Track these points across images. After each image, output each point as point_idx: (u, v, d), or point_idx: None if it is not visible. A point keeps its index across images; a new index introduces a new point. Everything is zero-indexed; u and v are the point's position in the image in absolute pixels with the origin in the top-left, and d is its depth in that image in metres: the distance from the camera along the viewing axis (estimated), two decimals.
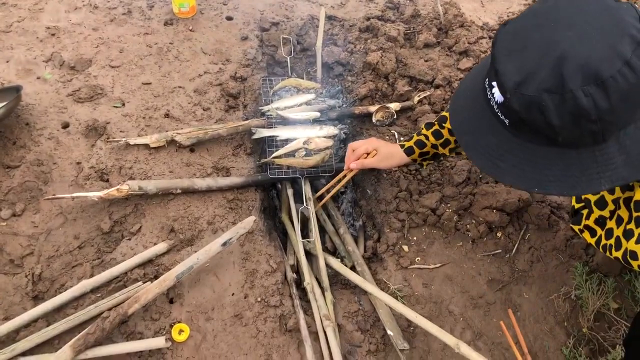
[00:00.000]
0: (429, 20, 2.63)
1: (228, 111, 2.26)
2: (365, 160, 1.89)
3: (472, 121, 1.21)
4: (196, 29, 2.55)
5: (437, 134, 1.75)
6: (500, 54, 1.08)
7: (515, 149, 1.13)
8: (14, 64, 2.29)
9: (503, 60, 1.07)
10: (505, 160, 1.15)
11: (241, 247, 1.87)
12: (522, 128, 1.09)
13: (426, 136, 1.77)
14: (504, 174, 1.15)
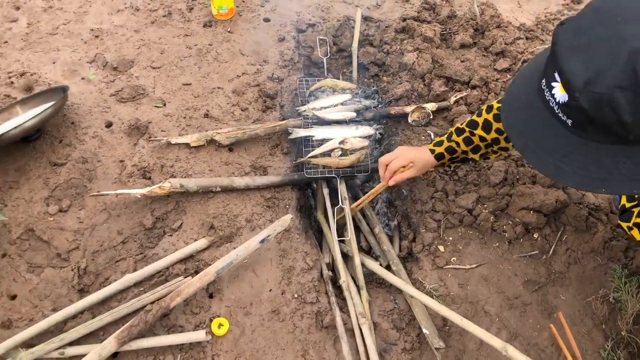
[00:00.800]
0: (465, 20, 2.63)
1: (265, 111, 2.30)
2: (403, 174, 1.87)
3: (527, 124, 1.20)
4: (234, 30, 2.60)
5: (468, 141, 1.75)
6: (563, 52, 1.06)
7: (579, 150, 1.11)
8: (60, 65, 2.37)
9: (567, 59, 1.05)
10: (568, 162, 1.12)
11: (278, 244, 1.90)
12: (588, 128, 1.07)
13: (457, 143, 1.77)
14: (567, 176, 1.13)
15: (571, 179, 1.13)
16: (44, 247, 1.81)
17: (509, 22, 2.59)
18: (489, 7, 2.66)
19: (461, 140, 1.75)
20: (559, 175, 1.14)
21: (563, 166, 1.13)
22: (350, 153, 2.16)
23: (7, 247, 1.81)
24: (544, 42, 2.51)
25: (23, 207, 1.90)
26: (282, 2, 2.76)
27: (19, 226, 1.85)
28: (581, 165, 1.11)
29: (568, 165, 1.13)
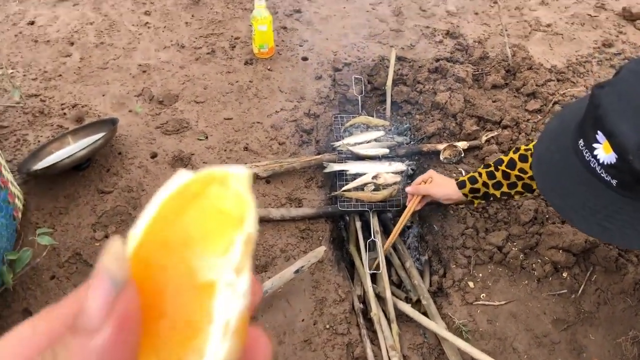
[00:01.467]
0: (497, 62, 2.70)
1: (302, 146, 2.39)
2: (420, 185, 1.94)
3: (565, 184, 1.21)
4: (274, 68, 2.71)
5: (491, 175, 1.76)
6: (610, 116, 1.08)
7: (624, 209, 1.12)
8: (109, 98, 2.51)
9: (616, 122, 1.06)
10: (613, 221, 1.14)
11: (311, 275, 1.96)
12: (636, 188, 1.09)
13: (480, 174, 1.80)
14: (614, 235, 1.14)
15: (618, 238, 1.14)
16: (90, 271, 1.91)
17: (540, 64, 2.65)
18: (520, 49, 2.74)
19: (485, 172, 1.78)
20: (605, 235, 1.16)
21: (608, 225, 1.15)
22: (382, 188, 2.23)
23: (55, 269, 1.91)
24: (575, 85, 2.57)
25: (71, 232, 2.00)
26: (320, 41, 2.87)
27: (67, 250, 1.96)
28: (628, 224, 1.13)
29: (614, 225, 1.14)
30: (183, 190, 0.29)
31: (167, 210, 0.29)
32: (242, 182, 0.30)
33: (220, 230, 0.28)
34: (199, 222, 0.28)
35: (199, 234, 0.28)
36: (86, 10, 2.98)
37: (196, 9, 3.01)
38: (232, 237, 0.28)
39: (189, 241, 0.28)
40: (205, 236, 0.28)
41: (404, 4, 3.06)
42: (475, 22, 2.96)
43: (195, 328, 0.28)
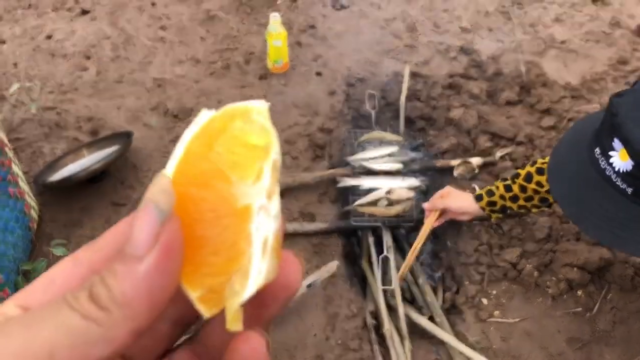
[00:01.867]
0: (511, 78, 2.70)
1: (315, 160, 2.39)
2: (436, 199, 1.91)
3: (580, 193, 1.21)
4: (288, 83, 2.73)
5: (508, 188, 1.74)
6: (626, 123, 1.08)
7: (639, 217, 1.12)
8: (124, 111, 2.53)
9: (633, 129, 1.07)
10: (627, 229, 1.14)
11: (324, 290, 1.96)
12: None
13: (497, 187, 1.77)
14: (627, 243, 1.14)
15: (632, 246, 1.15)
16: None
17: (554, 81, 2.65)
18: (535, 66, 2.73)
19: (502, 185, 1.75)
20: (618, 243, 1.16)
21: (622, 234, 1.15)
22: (396, 203, 2.22)
23: None
24: (589, 102, 2.56)
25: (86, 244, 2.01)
26: (334, 57, 2.89)
27: None
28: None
29: (627, 233, 1.14)
30: (207, 127, 0.31)
31: (195, 148, 0.31)
32: (263, 114, 0.32)
33: (249, 160, 0.30)
34: (227, 155, 0.30)
35: (228, 166, 0.30)
36: (103, 25, 3.02)
37: (211, 24, 3.04)
38: (261, 165, 0.30)
39: (220, 173, 0.30)
40: (235, 167, 0.30)
41: (418, 20, 3.07)
42: (489, 39, 2.96)
43: (237, 251, 0.30)
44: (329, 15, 3.12)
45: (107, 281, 0.26)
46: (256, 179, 0.30)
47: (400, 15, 3.11)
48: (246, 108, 0.32)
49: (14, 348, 0.24)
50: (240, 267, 0.29)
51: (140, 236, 0.26)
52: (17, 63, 2.81)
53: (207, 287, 0.30)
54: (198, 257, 0.30)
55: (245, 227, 0.30)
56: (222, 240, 0.30)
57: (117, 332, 0.25)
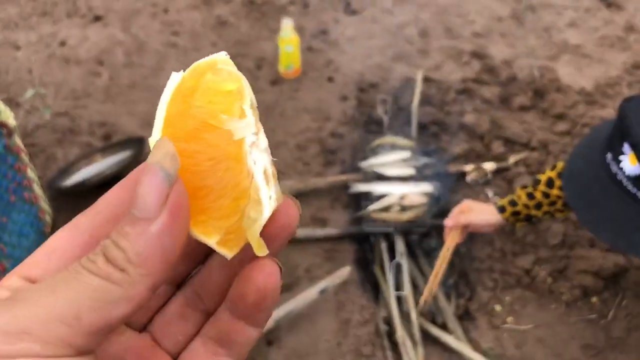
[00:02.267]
0: (525, 83, 2.68)
1: (327, 166, 2.39)
2: (457, 215, 1.83)
3: (593, 198, 1.21)
4: (299, 89, 2.73)
5: (530, 196, 1.70)
6: (635, 127, 1.09)
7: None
8: (137, 116, 2.55)
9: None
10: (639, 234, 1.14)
11: (335, 296, 1.95)
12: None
13: (519, 196, 1.72)
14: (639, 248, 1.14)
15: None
16: None
17: (568, 86, 2.63)
18: (548, 71, 2.72)
19: (523, 194, 1.70)
20: (631, 247, 1.17)
21: (634, 238, 1.15)
22: (408, 209, 2.21)
23: None
24: (603, 107, 2.54)
25: None
26: (345, 62, 2.89)
27: None
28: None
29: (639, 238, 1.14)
30: (180, 88, 0.32)
31: (175, 110, 0.32)
32: (227, 63, 0.33)
33: (229, 105, 0.32)
34: (208, 106, 0.31)
35: (211, 115, 0.31)
36: (115, 31, 3.04)
37: (223, 29, 3.05)
38: (241, 106, 0.32)
39: (206, 125, 0.31)
40: (217, 115, 0.32)
41: (430, 25, 3.06)
42: (502, 44, 2.95)
43: (242, 189, 0.32)
44: (341, 21, 3.12)
45: (120, 244, 0.27)
46: (240, 117, 0.32)
47: (412, 21, 3.11)
48: (211, 61, 0.33)
49: (42, 313, 0.25)
50: (249, 201, 0.31)
51: (149, 198, 0.27)
52: (31, 69, 2.83)
53: (223, 230, 0.31)
54: (206, 205, 0.31)
55: (243, 165, 0.31)
56: (225, 184, 0.31)
57: (136, 290, 0.27)
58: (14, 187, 1.83)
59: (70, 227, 0.31)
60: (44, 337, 0.25)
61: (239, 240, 0.32)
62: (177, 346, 0.34)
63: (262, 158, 0.32)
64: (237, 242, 0.32)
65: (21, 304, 0.25)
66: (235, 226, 0.32)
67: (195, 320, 0.35)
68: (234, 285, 0.33)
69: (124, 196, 0.31)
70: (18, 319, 0.25)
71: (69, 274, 0.27)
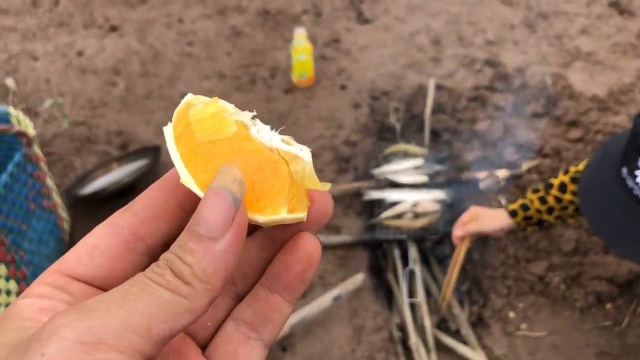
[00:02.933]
0: (537, 90, 2.69)
1: (339, 173, 2.41)
2: (469, 225, 1.79)
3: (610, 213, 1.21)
4: (313, 97, 2.75)
5: (542, 200, 1.66)
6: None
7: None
8: (153, 126, 2.58)
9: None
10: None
11: (349, 302, 1.97)
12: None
13: (531, 200, 1.69)
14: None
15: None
16: None
17: (580, 93, 2.63)
18: (560, 78, 2.72)
19: (536, 198, 1.66)
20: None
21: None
22: (421, 216, 2.22)
23: None
24: (616, 114, 2.53)
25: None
26: (358, 70, 2.91)
27: None
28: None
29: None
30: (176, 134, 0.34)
31: (184, 150, 0.34)
32: (198, 99, 0.36)
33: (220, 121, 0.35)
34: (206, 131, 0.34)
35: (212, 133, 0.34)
36: (131, 41, 3.09)
37: (237, 39, 3.09)
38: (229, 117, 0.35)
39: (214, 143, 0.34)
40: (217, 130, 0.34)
41: (442, 33, 3.08)
42: (514, 51, 2.96)
43: (274, 161, 0.35)
44: (353, 29, 3.15)
45: (186, 259, 0.29)
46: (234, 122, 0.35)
47: (424, 29, 3.12)
48: (185, 103, 0.35)
49: (116, 324, 0.26)
50: (288, 163, 0.35)
51: (217, 219, 0.29)
52: (49, 79, 2.89)
53: (284, 200, 0.34)
54: (258, 194, 0.34)
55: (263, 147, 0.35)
56: (261, 168, 0.34)
57: (200, 303, 0.29)
58: (34, 195, 1.86)
59: (108, 225, 0.33)
60: (119, 347, 0.26)
61: (302, 197, 0.35)
62: (206, 332, 0.35)
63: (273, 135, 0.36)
64: (301, 200, 0.35)
65: (94, 315, 0.27)
66: (292, 189, 0.35)
67: (225, 305, 0.36)
68: (277, 259, 0.35)
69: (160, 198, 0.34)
70: (93, 330, 0.26)
71: (137, 285, 0.28)
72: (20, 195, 1.78)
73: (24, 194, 1.80)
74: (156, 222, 0.33)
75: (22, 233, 1.77)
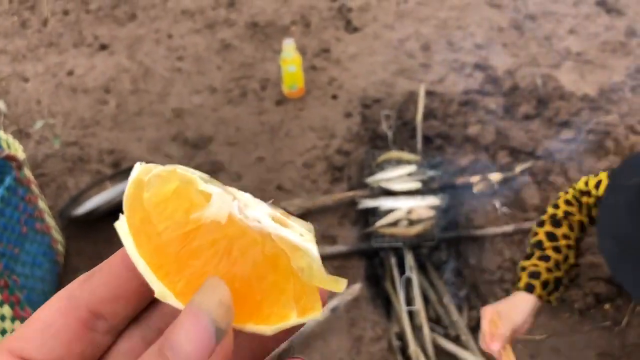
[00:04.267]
0: (528, 92, 2.69)
1: (333, 183, 2.40)
2: (500, 333, 1.45)
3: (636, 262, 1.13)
4: (304, 107, 2.75)
5: (544, 258, 1.45)
6: None
7: None
8: (145, 142, 2.58)
9: None
10: None
11: (347, 313, 1.96)
12: None
13: (534, 264, 1.46)
14: None
15: None
16: None
17: (571, 93, 2.63)
18: (551, 79, 2.73)
19: (537, 261, 1.45)
20: None
21: None
22: (416, 223, 2.22)
23: None
24: (608, 113, 2.54)
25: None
26: (348, 79, 2.91)
27: None
28: None
29: None
30: (133, 230, 0.28)
31: (147, 250, 0.28)
32: (149, 170, 0.29)
33: (186, 203, 0.28)
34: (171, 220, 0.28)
35: (182, 224, 0.28)
36: (121, 59, 3.09)
37: (227, 53, 3.09)
38: (198, 191, 0.29)
39: (186, 236, 0.28)
40: (187, 218, 0.28)
41: (431, 39, 3.09)
42: (504, 54, 2.97)
43: (271, 253, 0.28)
44: (343, 38, 3.15)
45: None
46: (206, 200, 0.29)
47: (413, 35, 3.13)
48: (134, 183, 0.29)
49: None
50: (288, 255, 0.28)
51: (190, 350, 0.24)
52: (40, 100, 2.88)
53: (292, 302, 0.28)
54: (258, 297, 0.28)
55: (251, 234, 0.28)
56: (254, 263, 0.28)
57: None
58: (26, 218, 1.86)
59: (65, 298, 0.29)
60: None
61: (312, 295, 0.29)
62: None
63: (260, 211, 0.29)
64: (312, 299, 0.29)
65: None
66: (298, 288, 0.28)
67: None
68: None
69: (123, 275, 0.29)
70: None
71: None
72: (12, 219, 1.78)
73: (16, 217, 1.80)
74: (118, 303, 0.29)
75: (14, 257, 1.76)
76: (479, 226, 2.21)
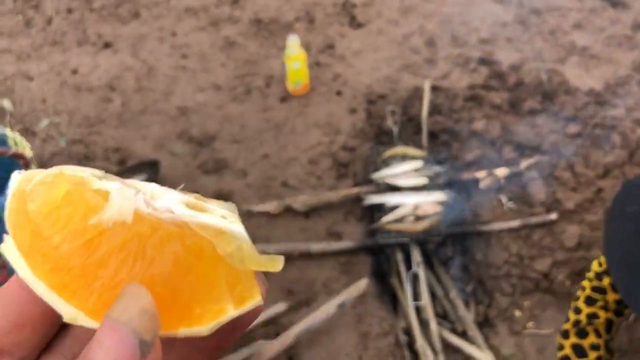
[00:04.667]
0: (533, 87, 2.68)
1: (339, 179, 2.40)
2: None
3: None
4: (309, 104, 2.75)
5: (582, 333, 1.34)
6: None
7: None
8: (150, 140, 2.58)
9: None
10: None
11: (354, 309, 1.95)
12: None
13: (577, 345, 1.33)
14: None
15: None
16: None
17: (577, 88, 2.62)
18: (556, 74, 2.71)
19: (577, 340, 1.35)
20: None
21: None
22: (422, 219, 2.21)
23: None
24: (614, 107, 2.52)
25: None
26: (353, 75, 2.90)
27: None
28: None
29: None
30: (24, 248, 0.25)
31: (43, 270, 0.24)
32: (32, 177, 0.26)
33: (82, 206, 0.25)
34: (67, 229, 0.25)
35: (82, 232, 0.24)
36: (125, 57, 3.09)
37: (231, 50, 3.09)
38: (93, 191, 0.26)
39: (89, 244, 0.24)
40: (85, 224, 0.25)
41: (436, 34, 3.08)
42: (508, 49, 2.95)
43: (192, 243, 0.25)
44: (347, 34, 3.15)
45: None
46: (104, 199, 0.25)
47: (417, 31, 3.12)
48: (16, 194, 0.25)
49: None
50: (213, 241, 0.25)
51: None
52: (45, 99, 2.89)
53: (226, 293, 0.26)
54: (189, 297, 0.25)
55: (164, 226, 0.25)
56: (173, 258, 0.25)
57: None
58: None
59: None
60: None
61: (248, 281, 0.26)
62: None
63: (170, 199, 0.26)
64: (248, 285, 0.26)
65: None
66: (230, 276, 0.26)
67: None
68: None
69: (23, 298, 0.25)
70: None
71: None
72: None
73: None
74: (22, 332, 0.25)
75: None
76: (486, 221, 2.20)
